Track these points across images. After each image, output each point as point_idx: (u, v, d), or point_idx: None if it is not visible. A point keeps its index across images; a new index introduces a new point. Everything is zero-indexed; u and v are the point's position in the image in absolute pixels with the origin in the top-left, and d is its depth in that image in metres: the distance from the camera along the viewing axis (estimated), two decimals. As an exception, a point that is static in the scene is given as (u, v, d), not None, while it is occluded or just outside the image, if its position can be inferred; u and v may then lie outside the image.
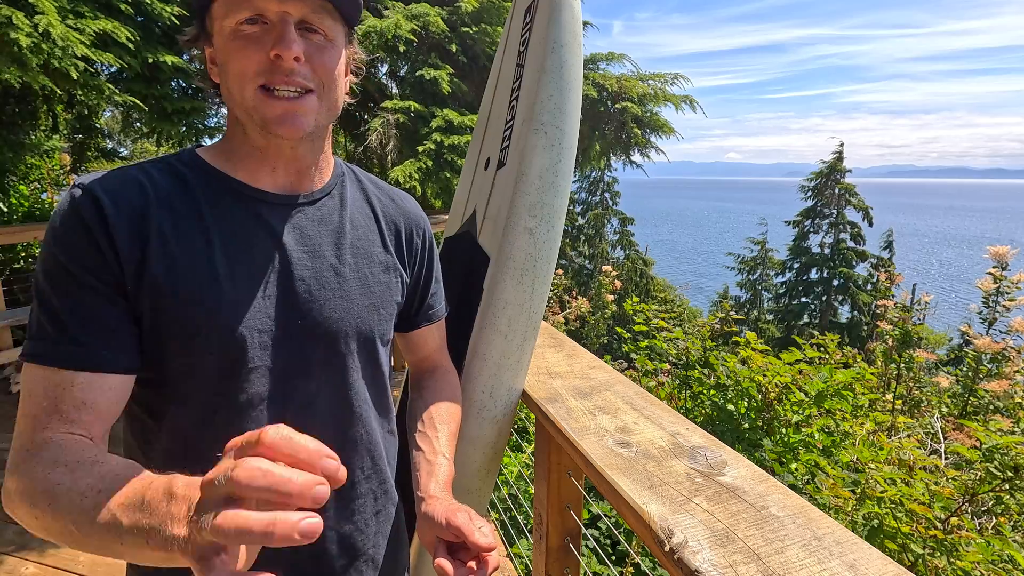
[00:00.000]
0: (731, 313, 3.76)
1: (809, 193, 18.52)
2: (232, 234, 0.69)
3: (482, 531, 0.65)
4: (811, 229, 18.40)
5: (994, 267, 3.62)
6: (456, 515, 0.67)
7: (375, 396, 0.82)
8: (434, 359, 1.00)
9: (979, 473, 2.00)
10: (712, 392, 2.93)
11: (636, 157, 6.73)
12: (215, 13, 0.67)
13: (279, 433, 0.40)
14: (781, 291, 18.87)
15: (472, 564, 0.64)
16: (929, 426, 2.91)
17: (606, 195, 19.10)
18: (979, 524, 2.02)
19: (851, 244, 17.57)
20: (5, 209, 4.62)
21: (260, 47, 0.64)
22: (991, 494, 1.95)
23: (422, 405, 0.92)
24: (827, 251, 17.87)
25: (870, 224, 17.59)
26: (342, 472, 0.41)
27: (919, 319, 3.71)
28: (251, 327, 0.67)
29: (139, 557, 0.48)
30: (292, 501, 0.37)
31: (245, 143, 0.72)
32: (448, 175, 4.95)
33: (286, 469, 0.38)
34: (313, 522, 0.37)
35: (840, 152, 18.12)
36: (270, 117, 0.66)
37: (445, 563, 0.63)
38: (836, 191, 18.02)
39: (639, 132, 6.24)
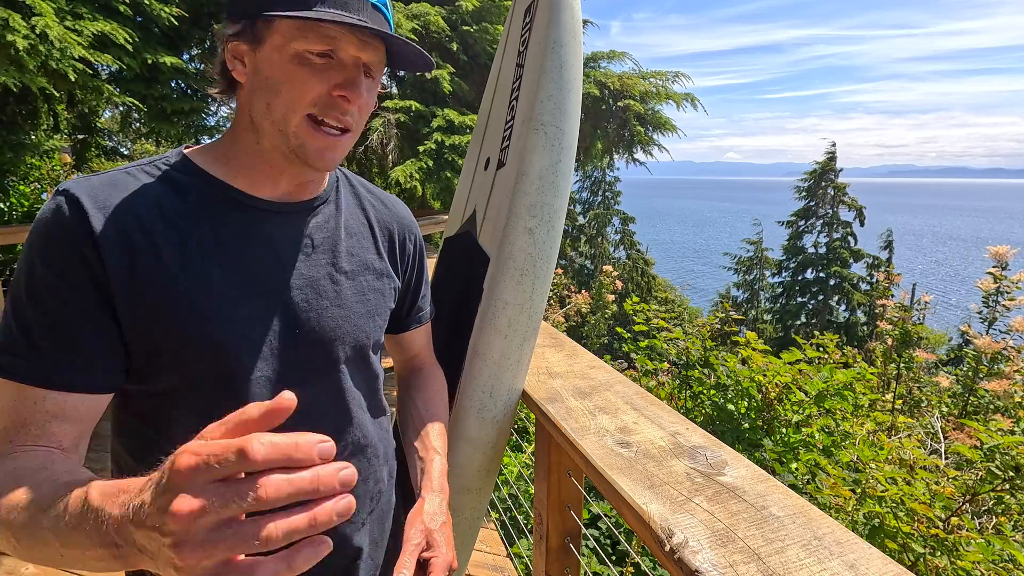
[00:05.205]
0: (731, 313, 3.75)
1: (803, 193, 18.54)
2: (227, 242, 0.67)
3: (417, 547, 0.72)
4: (805, 229, 18.43)
5: (994, 267, 3.62)
6: (411, 528, 0.74)
7: (369, 399, 0.83)
8: (421, 357, 1.02)
9: (980, 473, 2.00)
10: (712, 392, 2.93)
11: (639, 155, 6.73)
12: (281, 29, 0.63)
13: (263, 444, 0.34)
14: (778, 291, 18.88)
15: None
16: (929, 426, 2.91)
17: (607, 195, 19.10)
18: (980, 524, 2.02)
19: (844, 244, 17.61)
20: (5, 208, 4.62)
21: (323, 80, 0.65)
22: (992, 494, 1.95)
23: (412, 405, 0.94)
24: (821, 251, 17.90)
25: (861, 224, 17.62)
26: (332, 446, 0.37)
27: (919, 319, 3.71)
28: (247, 337, 0.67)
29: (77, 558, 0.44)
30: (320, 498, 0.35)
31: (252, 153, 0.70)
32: (449, 175, 4.94)
33: (304, 473, 0.35)
34: (347, 502, 0.36)
35: (833, 152, 18.16)
36: (311, 149, 0.67)
37: None
38: (830, 191, 18.06)
39: (642, 129, 6.24)
